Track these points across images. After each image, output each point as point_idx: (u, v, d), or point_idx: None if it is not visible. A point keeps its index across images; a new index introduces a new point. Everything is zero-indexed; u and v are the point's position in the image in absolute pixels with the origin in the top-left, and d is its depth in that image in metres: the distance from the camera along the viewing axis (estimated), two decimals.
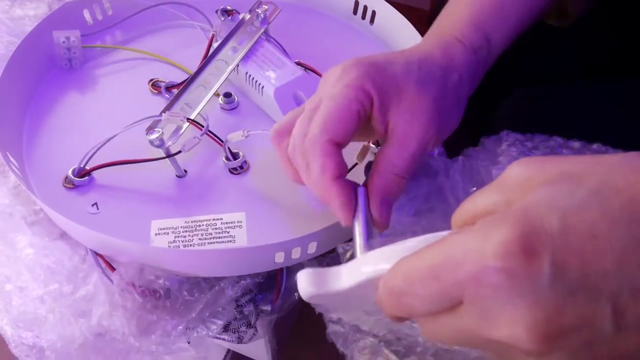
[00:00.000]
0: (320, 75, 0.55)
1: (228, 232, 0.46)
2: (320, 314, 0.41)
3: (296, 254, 0.43)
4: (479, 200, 0.24)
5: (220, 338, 0.48)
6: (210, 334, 0.47)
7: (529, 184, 0.23)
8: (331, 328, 0.41)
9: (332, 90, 0.36)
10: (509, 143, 0.42)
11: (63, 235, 0.48)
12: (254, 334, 0.48)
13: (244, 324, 0.47)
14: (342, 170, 0.36)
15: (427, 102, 0.37)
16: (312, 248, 0.44)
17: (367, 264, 0.26)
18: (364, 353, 0.39)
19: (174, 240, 0.45)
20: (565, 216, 0.21)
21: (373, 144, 0.48)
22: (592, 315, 0.20)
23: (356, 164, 0.47)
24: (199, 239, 0.45)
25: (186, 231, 0.46)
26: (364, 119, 0.37)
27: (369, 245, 0.33)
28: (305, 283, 0.28)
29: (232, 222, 0.46)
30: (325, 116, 0.35)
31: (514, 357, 0.22)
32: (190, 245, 0.45)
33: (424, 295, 0.23)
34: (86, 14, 0.60)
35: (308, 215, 0.47)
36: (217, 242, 0.45)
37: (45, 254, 0.47)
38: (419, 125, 0.37)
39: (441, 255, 0.23)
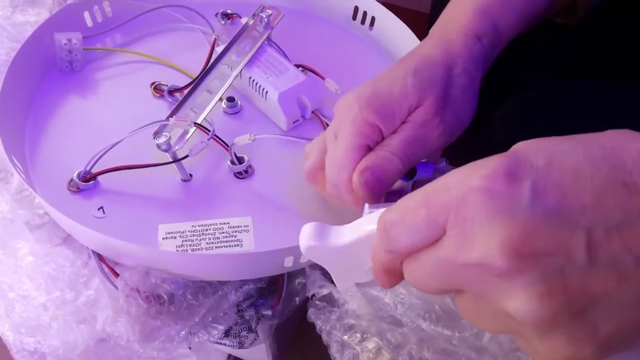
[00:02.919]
0: (321, 77, 0.56)
1: (235, 236, 0.46)
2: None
3: (305, 257, 0.44)
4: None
5: (221, 343, 0.48)
6: (212, 339, 0.47)
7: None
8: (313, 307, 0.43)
9: (342, 127, 0.40)
10: None
11: (66, 240, 0.48)
12: (255, 339, 0.49)
13: (245, 329, 0.48)
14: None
15: (429, 102, 0.40)
16: None
17: (369, 222, 0.27)
18: (352, 336, 0.40)
19: (181, 244, 0.46)
20: (551, 156, 0.23)
21: None
22: (566, 243, 0.22)
23: None
24: (207, 243, 0.46)
25: (194, 235, 0.46)
26: (375, 144, 0.40)
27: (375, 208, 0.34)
28: (308, 234, 0.28)
29: (239, 226, 0.47)
30: (340, 157, 0.40)
31: (488, 291, 0.23)
32: (199, 249, 0.45)
33: (411, 223, 0.25)
34: (86, 16, 0.60)
35: (314, 218, 0.47)
36: (224, 246, 0.46)
37: (47, 260, 0.47)
38: (420, 121, 0.39)
39: (435, 186, 0.25)
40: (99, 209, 0.47)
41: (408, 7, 0.60)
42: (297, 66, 0.57)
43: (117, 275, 0.45)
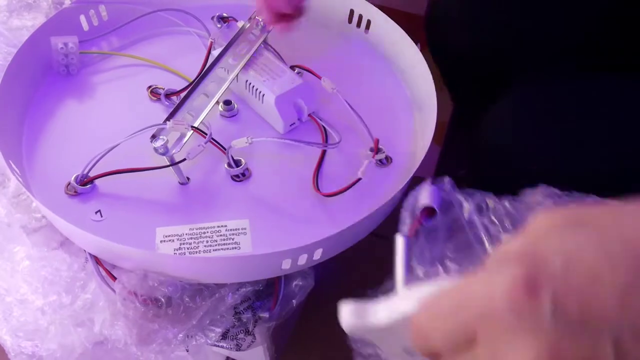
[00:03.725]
0: (317, 76, 0.55)
1: (233, 239, 0.47)
2: (319, 322, 0.41)
3: (302, 260, 0.44)
4: (504, 248, 0.26)
5: (218, 345, 0.49)
6: (209, 341, 0.47)
7: (546, 230, 0.24)
8: None
9: None
10: (546, 194, 0.42)
11: (63, 244, 0.49)
12: (253, 341, 0.49)
13: (242, 331, 0.48)
14: None
15: None
16: (318, 254, 0.44)
17: (404, 303, 0.27)
18: None
19: (179, 248, 0.46)
20: (568, 256, 0.22)
21: None
22: (593, 354, 0.21)
23: (359, 179, 0.48)
24: (205, 246, 0.46)
25: (191, 238, 0.46)
26: None
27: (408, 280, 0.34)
28: (348, 315, 0.29)
29: (236, 229, 0.47)
30: None
31: None
32: (196, 252, 0.46)
33: (443, 331, 0.24)
34: (82, 20, 0.60)
35: (310, 221, 0.48)
36: (222, 249, 0.46)
37: (43, 264, 0.47)
38: None
39: (459, 294, 0.24)
40: (96, 212, 0.47)
41: (403, 10, 0.60)
42: (293, 67, 0.57)
43: (114, 278, 0.45)
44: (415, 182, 0.50)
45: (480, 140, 0.53)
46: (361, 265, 0.89)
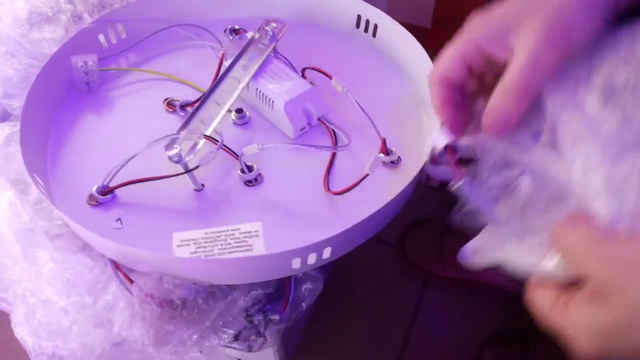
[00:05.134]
0: (328, 76, 0.57)
1: (246, 242, 0.48)
2: (328, 326, 0.42)
3: (312, 259, 0.45)
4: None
5: (231, 347, 0.50)
6: (222, 343, 0.49)
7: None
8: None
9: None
10: None
11: (84, 248, 0.51)
12: (264, 343, 0.50)
13: (253, 333, 0.49)
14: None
15: (535, 24, 0.36)
16: (327, 253, 0.46)
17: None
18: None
19: (195, 251, 0.48)
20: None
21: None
22: None
23: (367, 174, 0.49)
24: (219, 249, 0.48)
25: (206, 242, 0.48)
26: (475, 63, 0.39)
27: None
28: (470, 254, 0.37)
29: (249, 232, 0.49)
30: (438, 60, 0.40)
31: None
32: (211, 255, 0.47)
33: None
34: (101, 39, 0.63)
35: (322, 222, 0.49)
36: (236, 251, 0.48)
37: (66, 267, 0.49)
38: (529, 43, 0.35)
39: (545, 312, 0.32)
40: (117, 220, 0.50)
41: (409, 22, 0.61)
42: (305, 69, 0.59)
43: (131, 282, 0.47)
44: (420, 188, 0.51)
45: None
46: (365, 272, 0.91)
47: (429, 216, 0.94)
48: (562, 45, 0.35)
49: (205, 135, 0.50)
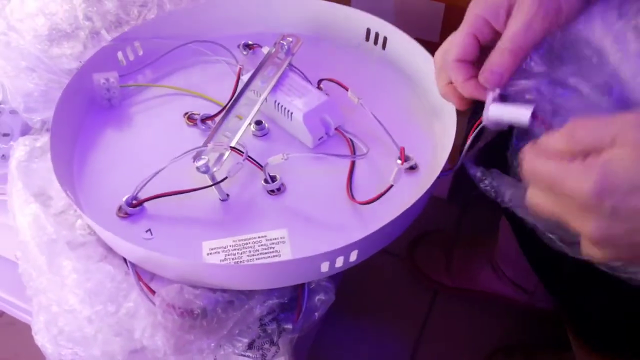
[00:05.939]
0: (345, 87, 0.59)
1: (273, 248, 0.50)
2: (338, 336, 0.43)
3: (339, 262, 0.47)
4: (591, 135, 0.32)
5: (245, 355, 0.51)
6: (237, 351, 0.50)
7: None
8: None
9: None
10: None
11: (106, 257, 0.52)
12: (277, 352, 0.51)
13: (267, 342, 0.51)
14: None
15: None
16: (354, 256, 0.48)
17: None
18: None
19: (224, 258, 0.49)
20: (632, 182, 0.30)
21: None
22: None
23: (391, 185, 0.51)
24: (248, 255, 0.50)
25: (235, 249, 0.50)
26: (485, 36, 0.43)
27: None
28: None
29: (275, 239, 0.51)
30: (449, 41, 0.45)
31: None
32: (240, 261, 0.49)
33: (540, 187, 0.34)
34: (120, 56, 0.65)
35: (344, 227, 0.52)
36: (264, 257, 0.49)
37: (88, 277, 0.50)
38: (524, 14, 0.41)
39: (555, 174, 0.33)
40: (147, 231, 0.51)
41: (417, 37, 0.64)
42: (321, 80, 0.61)
43: (152, 291, 0.48)
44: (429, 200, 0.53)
45: None
46: (372, 283, 0.92)
47: (437, 228, 0.96)
48: (552, 13, 0.41)
49: (231, 147, 0.52)
